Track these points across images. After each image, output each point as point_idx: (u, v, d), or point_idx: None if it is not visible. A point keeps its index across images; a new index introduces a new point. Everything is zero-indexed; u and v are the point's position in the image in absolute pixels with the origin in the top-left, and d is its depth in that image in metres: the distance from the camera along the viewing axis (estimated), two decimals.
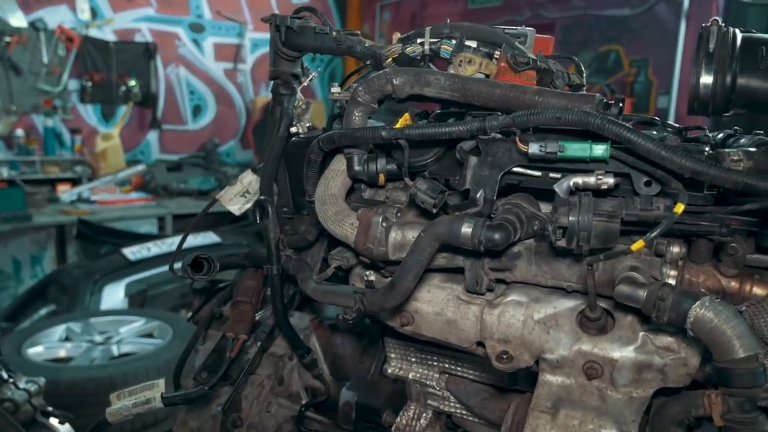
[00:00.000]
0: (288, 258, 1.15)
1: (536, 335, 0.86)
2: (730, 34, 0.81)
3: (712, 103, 0.80)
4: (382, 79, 0.94)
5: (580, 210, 0.75)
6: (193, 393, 1.06)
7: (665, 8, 4.39)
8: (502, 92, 0.87)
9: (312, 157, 1.02)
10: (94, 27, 5.66)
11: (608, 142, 0.76)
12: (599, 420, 0.79)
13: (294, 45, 1.08)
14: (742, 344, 0.68)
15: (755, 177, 0.69)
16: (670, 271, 0.79)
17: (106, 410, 1.01)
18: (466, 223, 0.80)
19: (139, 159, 5.97)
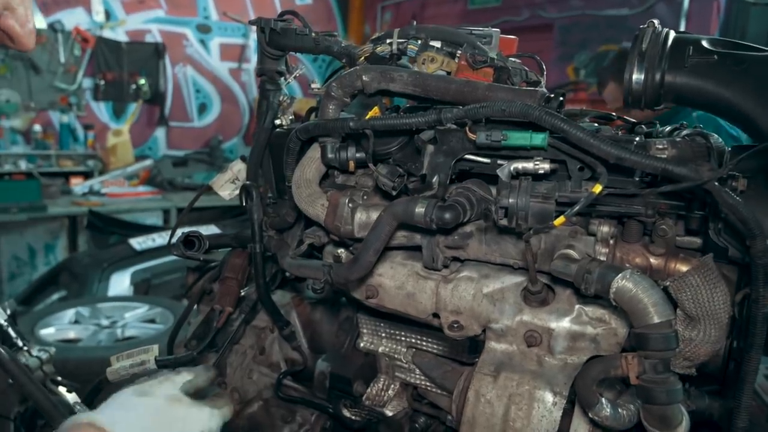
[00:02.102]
0: (270, 238, 1.24)
1: (484, 307, 0.94)
2: (662, 35, 0.89)
3: (644, 98, 0.88)
4: (353, 75, 1.04)
5: (519, 192, 0.84)
6: (183, 357, 1.16)
7: (665, 8, 4.43)
8: (457, 87, 0.96)
9: (291, 146, 1.11)
10: (107, 28, 5.83)
11: (546, 132, 0.85)
12: (534, 382, 0.87)
13: (277, 45, 1.18)
14: (657, 311, 0.76)
15: (671, 163, 0.77)
16: (602, 249, 0.87)
17: (107, 370, 1.12)
18: (420, 204, 0.89)
19: (147, 154, 6.13)
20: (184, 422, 0.79)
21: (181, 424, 0.78)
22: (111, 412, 0.75)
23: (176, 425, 0.78)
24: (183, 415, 0.79)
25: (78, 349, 2.54)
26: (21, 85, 5.34)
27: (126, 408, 0.76)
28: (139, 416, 0.76)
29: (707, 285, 0.81)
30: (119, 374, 1.08)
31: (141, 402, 0.77)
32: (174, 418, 0.78)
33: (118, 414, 0.75)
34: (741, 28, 4.37)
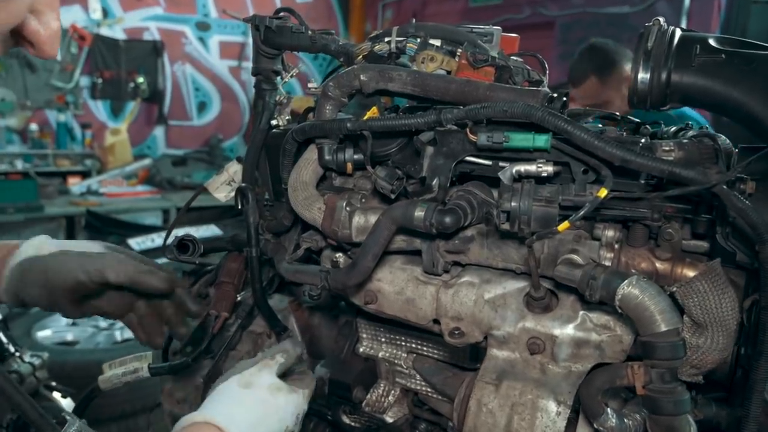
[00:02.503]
0: (267, 241, 1.22)
1: (486, 313, 0.92)
2: (668, 33, 0.87)
3: (649, 98, 0.86)
4: (350, 75, 1.01)
5: (521, 195, 0.82)
6: (177, 364, 1.13)
7: (666, 6, 4.41)
8: (457, 87, 0.93)
9: (287, 147, 1.09)
10: (105, 26, 5.80)
11: (549, 133, 0.82)
12: (538, 391, 0.85)
13: (273, 43, 1.15)
14: (664, 319, 0.74)
15: (679, 165, 0.75)
16: (607, 254, 0.85)
17: (98, 378, 1.10)
18: (419, 207, 0.86)
19: (146, 153, 6.11)
20: (285, 409, 0.82)
21: (283, 412, 0.82)
22: (223, 409, 0.77)
23: (279, 414, 0.81)
24: (284, 402, 0.83)
25: (75, 352, 2.52)
26: (16, 84, 5.32)
27: (235, 402, 0.79)
28: (248, 410, 0.78)
29: (715, 291, 0.79)
30: (112, 382, 1.06)
31: (247, 395, 0.80)
32: (277, 407, 0.81)
33: (230, 410, 0.77)
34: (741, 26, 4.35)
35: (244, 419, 0.76)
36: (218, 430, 0.73)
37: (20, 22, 0.55)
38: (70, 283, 0.96)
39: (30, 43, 0.58)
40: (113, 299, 1.06)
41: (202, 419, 0.75)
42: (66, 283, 0.96)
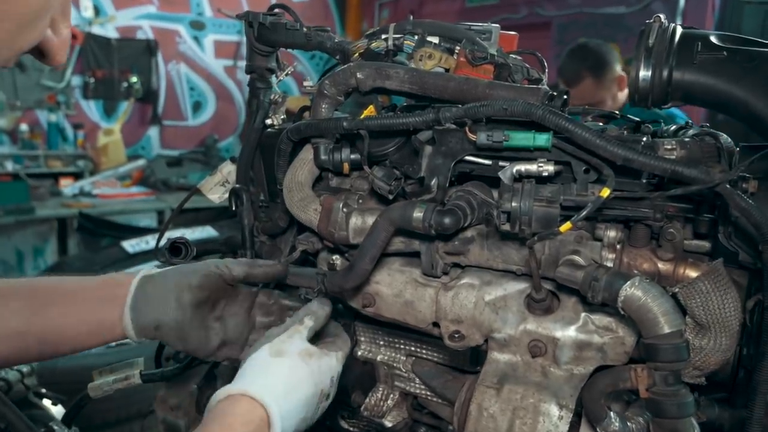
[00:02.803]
0: (262, 244, 1.20)
1: (486, 316, 0.91)
2: (669, 30, 0.86)
3: (651, 96, 0.85)
4: (346, 72, 1.00)
5: (522, 196, 0.80)
6: (170, 371, 1.11)
7: (661, 6, 4.41)
8: (456, 85, 0.92)
9: (282, 147, 1.07)
10: (96, 24, 5.75)
11: (550, 132, 0.81)
12: (539, 394, 0.83)
13: (267, 41, 1.13)
14: (667, 320, 0.72)
15: (681, 164, 0.74)
16: (609, 254, 0.84)
17: (88, 386, 1.07)
18: (418, 208, 0.85)
19: (140, 154, 6.06)
20: (319, 374, 0.81)
21: (317, 377, 0.81)
22: (256, 379, 0.76)
23: (313, 379, 0.80)
24: (317, 367, 0.81)
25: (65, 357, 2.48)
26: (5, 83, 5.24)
27: (267, 372, 0.78)
28: (281, 378, 0.77)
29: (718, 291, 0.78)
30: (102, 390, 1.03)
31: (279, 363, 0.79)
32: (311, 372, 0.80)
33: (263, 380, 0.76)
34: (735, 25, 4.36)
35: (279, 388, 0.75)
36: (253, 400, 0.72)
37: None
38: (197, 280, 0.89)
39: (40, 52, 0.56)
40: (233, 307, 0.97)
41: (237, 391, 0.73)
42: (192, 282, 0.89)
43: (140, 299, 0.88)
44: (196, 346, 0.90)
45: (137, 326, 0.88)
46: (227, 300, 0.94)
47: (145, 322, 0.87)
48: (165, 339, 0.89)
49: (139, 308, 0.87)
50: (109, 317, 0.88)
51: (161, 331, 0.88)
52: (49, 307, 0.88)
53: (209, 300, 0.91)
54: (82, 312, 0.88)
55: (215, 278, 0.91)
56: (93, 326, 0.89)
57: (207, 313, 0.91)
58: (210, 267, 0.92)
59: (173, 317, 0.87)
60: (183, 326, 0.88)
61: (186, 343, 0.90)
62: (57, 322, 0.87)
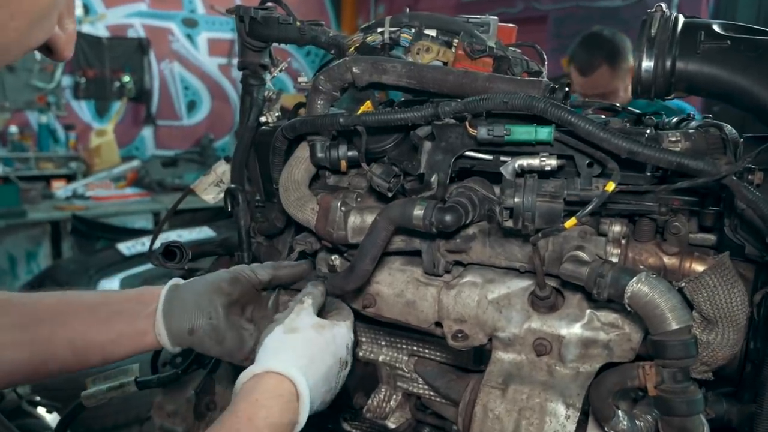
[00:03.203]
0: (259, 245, 1.18)
1: (489, 314, 0.89)
2: (671, 20, 0.84)
3: (654, 87, 0.83)
4: (342, 67, 0.97)
5: (524, 191, 0.78)
6: (167, 377, 1.09)
7: None
8: (455, 79, 0.90)
9: (277, 145, 1.05)
10: (86, 23, 5.68)
11: (552, 125, 0.79)
12: (546, 394, 0.82)
13: (259, 36, 1.11)
14: (675, 317, 0.71)
15: (687, 156, 0.72)
16: (613, 250, 0.82)
17: (81, 394, 1.05)
18: (419, 206, 0.83)
19: (134, 155, 6.00)
20: (335, 343, 0.82)
21: (334, 346, 0.81)
22: (278, 356, 0.77)
23: (330, 348, 0.81)
24: (332, 337, 0.82)
25: None
26: None
27: (286, 348, 0.78)
28: (301, 352, 0.78)
29: (724, 285, 0.76)
30: (96, 398, 1.01)
31: (295, 339, 0.79)
32: (327, 342, 0.81)
33: (284, 356, 0.77)
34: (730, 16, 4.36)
35: (301, 360, 0.76)
36: (278, 375, 0.73)
37: None
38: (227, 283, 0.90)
39: (48, 48, 0.56)
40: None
41: (261, 369, 0.74)
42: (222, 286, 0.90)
43: (172, 306, 0.88)
44: (232, 348, 0.90)
45: (171, 332, 0.87)
46: (255, 303, 0.95)
47: (179, 328, 0.87)
48: (200, 344, 0.89)
49: (171, 314, 0.87)
50: (140, 325, 0.88)
51: (196, 335, 0.87)
52: (75, 317, 0.87)
53: (239, 303, 0.92)
54: (111, 322, 0.88)
55: (244, 282, 0.92)
56: (123, 335, 0.88)
57: (238, 316, 0.91)
58: (237, 271, 0.93)
59: (207, 321, 0.87)
60: (218, 329, 0.88)
61: (222, 346, 0.89)
62: (83, 330, 0.87)
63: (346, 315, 0.90)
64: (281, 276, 0.95)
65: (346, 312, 0.91)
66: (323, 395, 0.79)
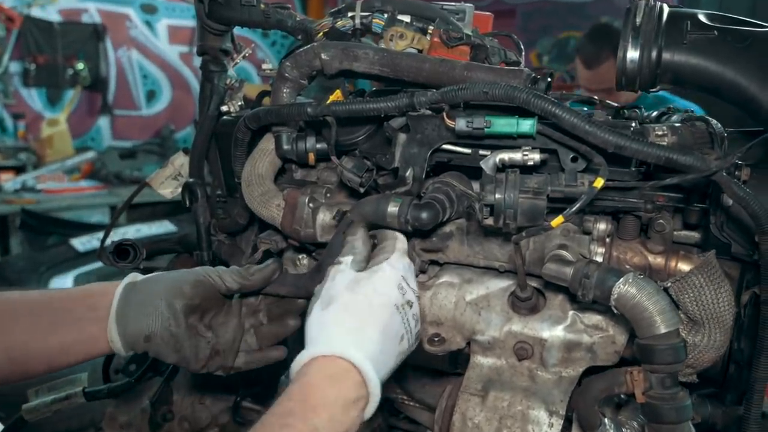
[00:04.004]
0: (220, 243, 1.10)
1: (468, 317, 0.84)
2: (656, 9, 0.80)
3: (639, 78, 0.79)
4: (310, 53, 0.90)
5: (506, 187, 0.73)
6: (119, 386, 1.01)
7: None
8: (432, 67, 0.84)
9: (239, 136, 0.97)
10: (36, 6, 5.37)
11: (535, 117, 0.74)
12: (528, 401, 0.78)
13: (220, 18, 1.03)
14: (663, 320, 0.68)
15: (676, 151, 0.69)
16: (598, 249, 0.78)
17: (22, 407, 0.95)
18: (393, 202, 0.77)
19: (89, 146, 5.73)
20: (377, 294, 0.71)
21: (378, 297, 0.70)
22: (320, 339, 0.68)
23: (375, 302, 0.70)
24: (371, 289, 0.71)
25: None
26: None
27: (326, 326, 0.69)
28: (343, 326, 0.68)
29: (711, 285, 0.74)
30: (39, 412, 0.92)
31: (332, 312, 0.70)
32: (367, 298, 0.70)
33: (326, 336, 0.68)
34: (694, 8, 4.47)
35: (347, 335, 0.67)
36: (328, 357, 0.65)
37: None
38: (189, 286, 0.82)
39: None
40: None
41: (307, 357, 0.65)
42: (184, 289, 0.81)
43: (127, 308, 0.80)
44: (189, 356, 0.82)
45: (125, 338, 0.80)
46: (216, 310, 0.87)
47: (134, 334, 0.80)
48: (156, 350, 0.81)
49: (126, 318, 0.80)
50: (91, 331, 0.80)
51: (152, 341, 0.80)
52: (16, 322, 0.79)
53: (200, 308, 0.84)
54: (57, 328, 0.80)
55: (208, 287, 0.84)
56: (71, 343, 0.80)
57: (197, 322, 0.84)
58: (201, 274, 0.85)
59: (166, 326, 0.80)
60: (177, 336, 0.81)
61: (179, 354, 0.82)
62: (25, 339, 0.78)
63: (389, 248, 0.77)
64: (252, 284, 0.86)
65: (389, 244, 0.78)
66: (391, 352, 0.70)
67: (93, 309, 0.81)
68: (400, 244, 0.78)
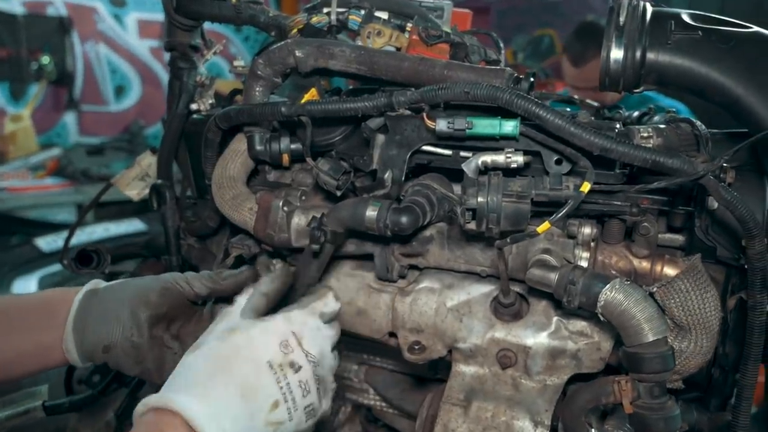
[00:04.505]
0: (190, 247, 1.06)
1: (449, 323, 0.81)
2: (640, 8, 0.78)
3: (623, 79, 0.77)
4: (284, 50, 0.86)
5: (489, 190, 0.71)
6: (81, 399, 0.95)
7: None
8: (411, 65, 0.81)
9: (209, 136, 0.92)
10: None
11: (518, 119, 0.72)
12: (512, 411, 0.75)
13: (188, 13, 0.98)
14: (651, 327, 0.66)
15: (663, 154, 0.67)
16: (583, 253, 0.76)
17: None
18: (371, 206, 0.74)
19: (55, 142, 5.54)
20: (250, 347, 0.62)
21: (247, 351, 0.62)
22: (170, 384, 0.61)
23: (241, 355, 0.62)
24: (245, 340, 0.63)
25: None
26: None
27: (182, 371, 0.62)
28: (196, 374, 0.60)
29: (697, 290, 0.72)
30: None
31: (194, 357, 0.63)
32: (233, 350, 0.62)
33: (177, 383, 0.61)
34: None
35: (197, 388, 0.59)
36: (163, 410, 0.58)
37: None
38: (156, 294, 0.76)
39: None
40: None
41: (143, 406, 0.59)
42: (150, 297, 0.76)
43: (87, 316, 0.75)
44: (151, 369, 0.77)
45: (82, 348, 0.75)
46: (184, 319, 0.81)
47: (92, 344, 0.75)
48: (116, 362, 0.76)
49: (85, 327, 0.75)
50: (46, 340, 0.75)
51: (112, 353, 0.75)
52: None
53: (166, 318, 0.79)
54: (10, 337, 0.75)
55: (176, 294, 0.79)
56: (25, 351, 0.75)
57: (163, 332, 0.78)
58: (169, 281, 0.80)
59: (127, 336, 0.75)
60: (139, 348, 0.76)
61: (141, 366, 0.77)
62: None
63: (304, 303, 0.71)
64: (223, 289, 0.81)
65: (308, 299, 0.72)
66: (258, 420, 0.60)
67: (50, 317, 0.76)
68: (319, 304, 0.70)
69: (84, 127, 5.88)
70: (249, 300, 0.69)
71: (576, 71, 2.56)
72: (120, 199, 4.32)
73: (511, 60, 3.06)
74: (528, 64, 4.57)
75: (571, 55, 2.59)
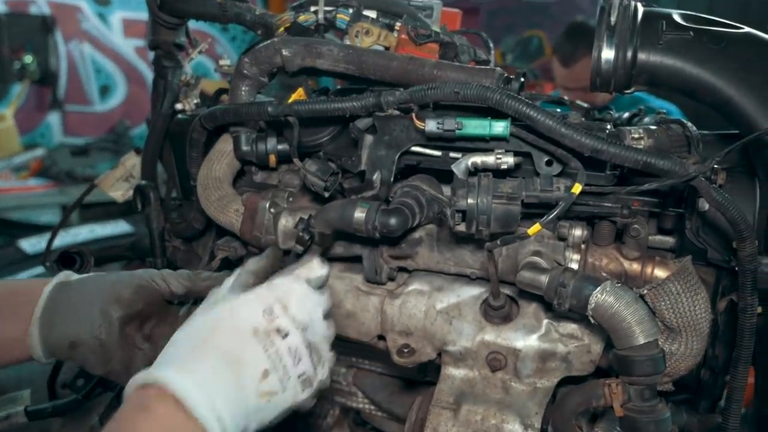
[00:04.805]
0: (176, 249, 1.03)
1: (438, 326, 0.80)
2: (631, 8, 0.78)
3: (614, 80, 0.77)
4: (270, 49, 0.85)
5: (478, 192, 0.70)
6: (65, 404, 0.93)
7: None
8: (400, 65, 0.80)
9: (194, 137, 0.90)
10: None
11: (508, 119, 0.71)
12: (502, 414, 0.75)
13: (173, 11, 0.96)
14: (642, 330, 0.65)
15: (654, 155, 0.66)
16: (573, 255, 0.75)
17: None
18: (360, 208, 0.73)
19: (39, 142, 5.46)
20: (231, 318, 0.60)
21: (230, 322, 0.60)
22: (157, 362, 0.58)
23: (223, 326, 0.59)
24: (227, 311, 0.61)
25: None
26: None
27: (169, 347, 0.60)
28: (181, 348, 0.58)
29: (688, 292, 0.72)
30: None
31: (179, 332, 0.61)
32: (215, 321, 0.60)
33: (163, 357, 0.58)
34: None
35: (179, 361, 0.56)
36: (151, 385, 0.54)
37: None
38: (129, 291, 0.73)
39: None
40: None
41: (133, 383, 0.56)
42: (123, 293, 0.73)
43: (55, 310, 0.72)
44: (119, 369, 0.74)
45: (47, 343, 0.72)
46: (159, 318, 0.78)
47: (58, 339, 0.71)
48: (82, 360, 0.73)
49: (51, 321, 0.72)
50: (10, 332, 0.72)
51: (78, 350, 0.72)
52: None
53: (140, 317, 0.75)
54: None
55: (150, 291, 0.75)
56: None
57: (135, 332, 0.75)
58: (144, 278, 0.76)
59: (96, 334, 0.71)
60: (107, 347, 0.72)
61: (109, 367, 0.74)
62: None
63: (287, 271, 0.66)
64: (200, 290, 0.78)
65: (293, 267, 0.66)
66: (250, 390, 0.57)
67: (15, 309, 0.73)
68: (304, 270, 0.65)
69: (68, 127, 5.80)
70: (237, 278, 0.66)
71: (566, 71, 2.56)
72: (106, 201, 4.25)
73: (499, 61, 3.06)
74: (516, 65, 4.59)
75: (561, 55, 2.59)
